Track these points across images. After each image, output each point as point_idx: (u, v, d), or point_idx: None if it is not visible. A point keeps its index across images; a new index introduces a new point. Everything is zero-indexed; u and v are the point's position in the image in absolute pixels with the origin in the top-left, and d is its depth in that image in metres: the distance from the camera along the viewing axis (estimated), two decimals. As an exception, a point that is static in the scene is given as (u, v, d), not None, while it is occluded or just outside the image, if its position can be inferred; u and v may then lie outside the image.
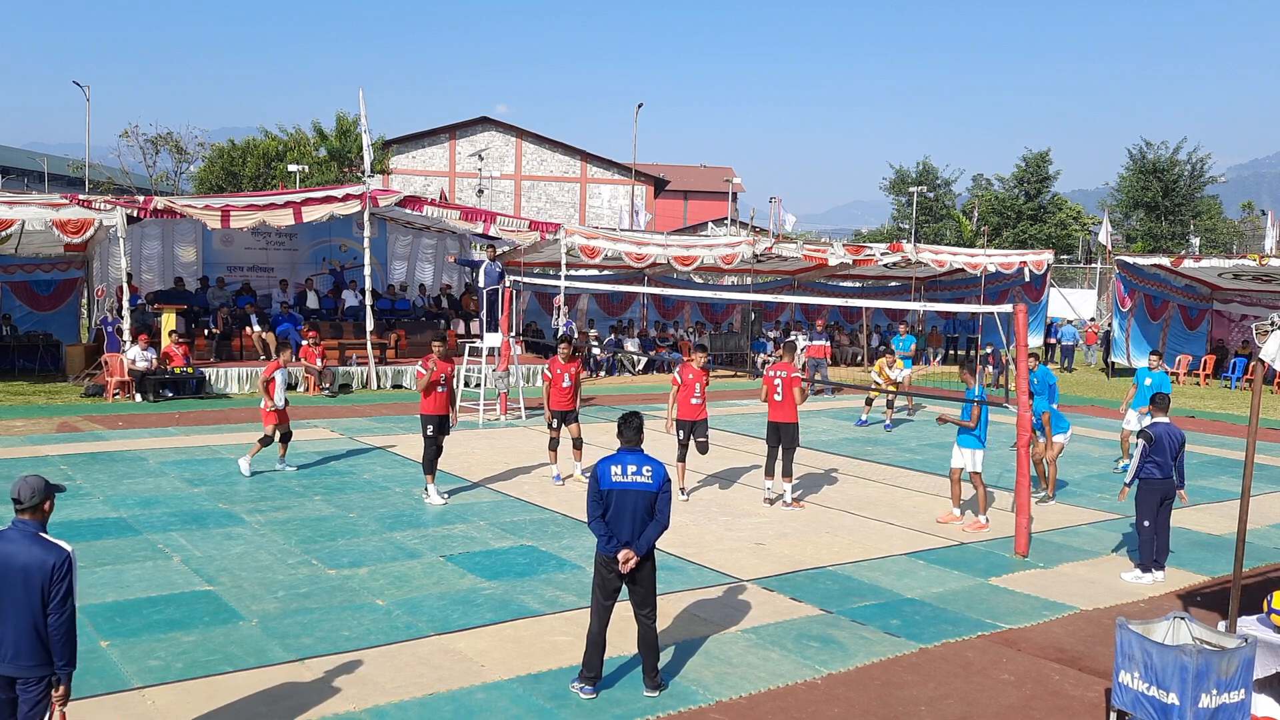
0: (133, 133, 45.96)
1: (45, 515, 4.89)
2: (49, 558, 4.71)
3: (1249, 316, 30.05)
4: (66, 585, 4.72)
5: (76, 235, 18.93)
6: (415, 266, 28.26)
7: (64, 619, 4.73)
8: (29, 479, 4.85)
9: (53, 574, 4.69)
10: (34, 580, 4.67)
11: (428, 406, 11.82)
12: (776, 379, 12.00)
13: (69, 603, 4.74)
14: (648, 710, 6.43)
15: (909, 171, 65.62)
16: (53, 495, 4.93)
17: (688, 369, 12.37)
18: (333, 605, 8.15)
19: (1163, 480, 9.45)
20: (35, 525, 4.82)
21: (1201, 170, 58.02)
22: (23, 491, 4.81)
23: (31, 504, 4.81)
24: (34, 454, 13.66)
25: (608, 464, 6.65)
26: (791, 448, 12.06)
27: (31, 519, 4.82)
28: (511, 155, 57.93)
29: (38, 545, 4.74)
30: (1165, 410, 9.84)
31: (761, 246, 27.64)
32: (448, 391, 11.92)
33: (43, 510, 4.86)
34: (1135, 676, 6.08)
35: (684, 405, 12.21)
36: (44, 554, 4.71)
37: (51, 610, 4.70)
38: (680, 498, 12.16)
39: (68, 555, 4.76)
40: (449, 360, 12.06)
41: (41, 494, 4.84)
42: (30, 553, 4.71)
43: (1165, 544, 9.69)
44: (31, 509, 4.82)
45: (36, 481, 4.85)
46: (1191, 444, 17.35)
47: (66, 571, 4.73)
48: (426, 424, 11.81)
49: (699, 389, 12.21)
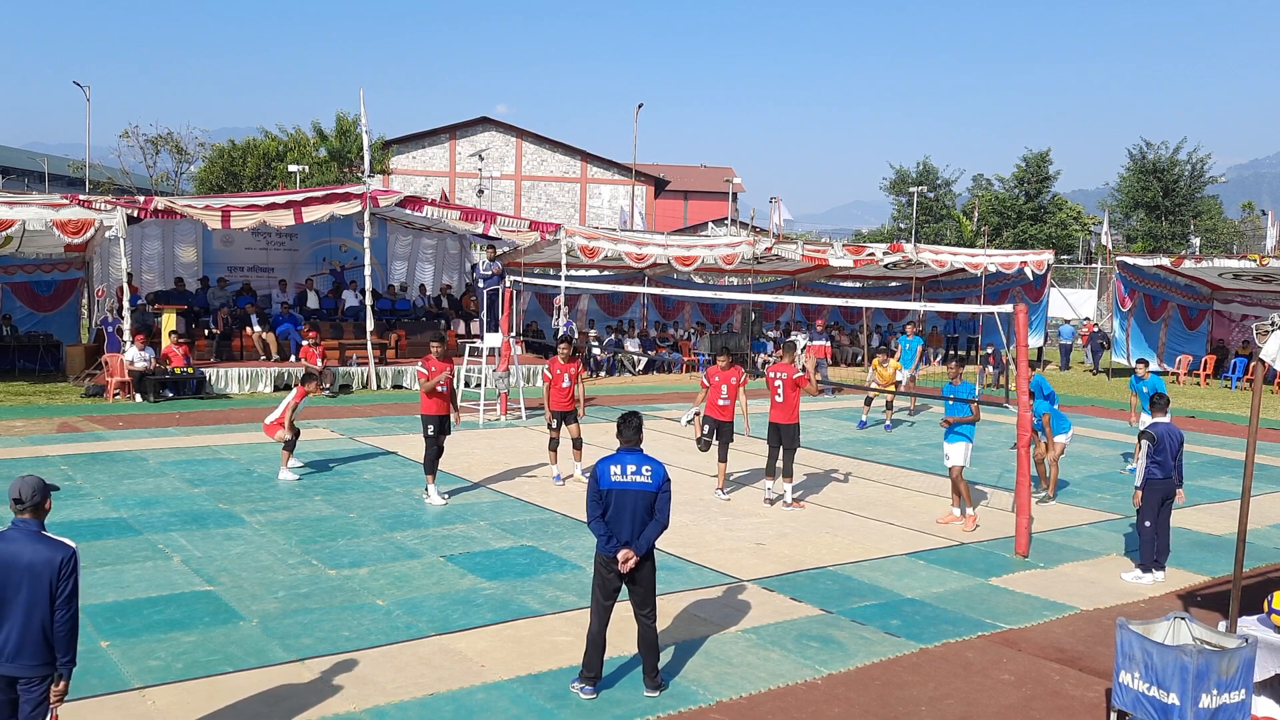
0: (133, 133, 45.96)
1: (45, 514, 4.92)
2: (55, 554, 4.75)
3: (1249, 316, 30.04)
4: (73, 581, 4.78)
5: (77, 235, 18.92)
6: (415, 267, 28.25)
7: (69, 615, 4.77)
8: (26, 478, 4.89)
9: (60, 570, 4.74)
10: (42, 578, 4.71)
11: (428, 407, 11.82)
12: (777, 380, 12.02)
13: (75, 599, 4.80)
14: (648, 710, 6.43)
15: (909, 171, 65.57)
16: (49, 494, 4.97)
17: (714, 370, 12.54)
18: (333, 605, 8.15)
19: (1164, 480, 9.47)
20: (36, 524, 4.86)
21: (1201, 170, 57.98)
22: (23, 491, 4.84)
23: (32, 503, 4.85)
24: (34, 454, 13.66)
25: (607, 464, 6.65)
26: (792, 448, 12.07)
27: (32, 518, 4.85)
28: (511, 155, 57.93)
29: (42, 543, 4.78)
30: (1165, 411, 9.87)
31: (762, 247, 27.63)
32: (448, 391, 11.92)
33: (43, 509, 4.91)
34: (1135, 677, 6.08)
35: (711, 405, 12.41)
36: (50, 551, 4.76)
37: (59, 606, 4.74)
38: (720, 497, 12.32)
39: (73, 551, 4.81)
40: (447, 360, 12.06)
41: (40, 493, 4.89)
42: (35, 551, 4.74)
43: (1166, 544, 9.70)
44: (32, 508, 4.86)
45: (34, 480, 4.89)
46: (1192, 444, 17.34)
47: (73, 568, 4.78)
48: (427, 424, 11.81)
49: (726, 390, 12.33)
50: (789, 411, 11.96)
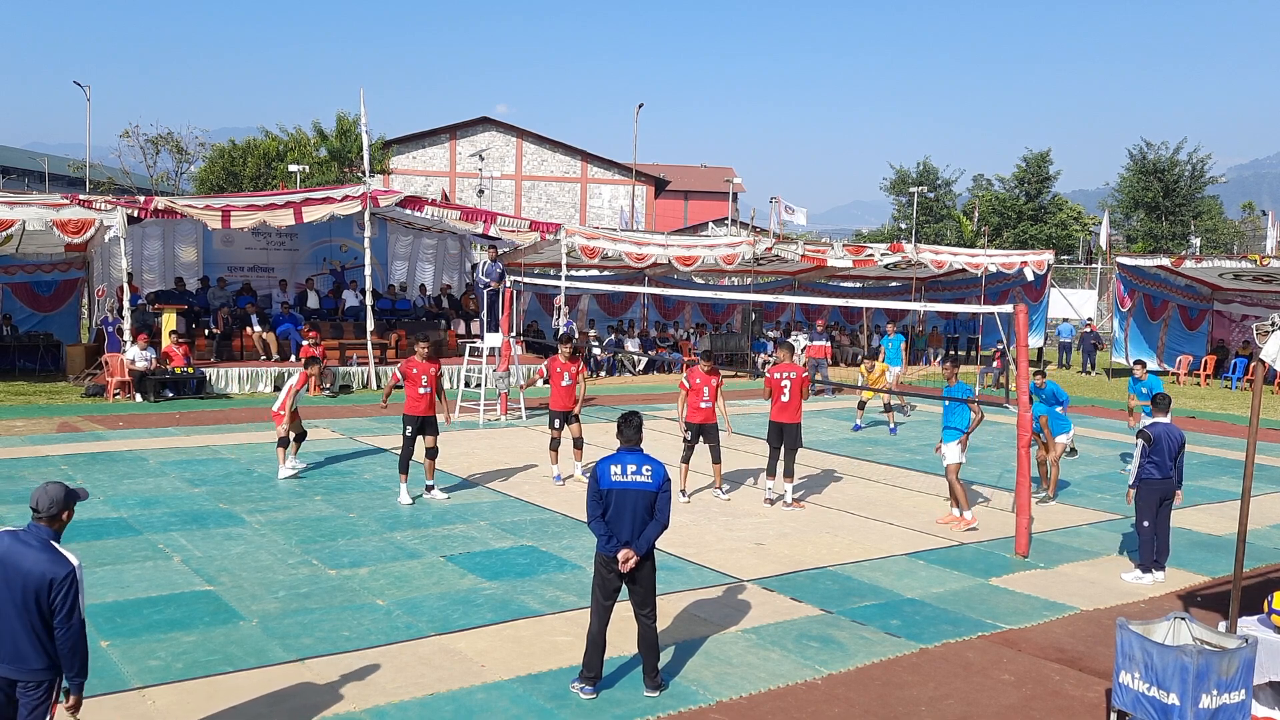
0: (133, 133, 45.95)
1: (62, 525, 4.84)
2: (50, 571, 4.63)
3: (1250, 317, 30.04)
4: (72, 599, 4.64)
5: (77, 235, 18.93)
6: (416, 267, 28.26)
7: (70, 632, 4.65)
8: (49, 487, 4.81)
9: (52, 588, 4.61)
10: (30, 587, 4.61)
11: (409, 407, 11.87)
12: (785, 380, 12.00)
13: (75, 615, 4.66)
14: (648, 710, 6.43)
15: (909, 172, 65.57)
16: (72, 505, 4.87)
17: (695, 373, 12.42)
18: (333, 605, 8.15)
19: (1162, 480, 9.46)
20: (49, 533, 4.77)
21: (1202, 170, 57.98)
22: (41, 501, 4.78)
23: (49, 514, 4.78)
24: (34, 454, 13.67)
25: (607, 464, 6.65)
26: (794, 448, 12.06)
27: (47, 526, 4.78)
28: (512, 155, 57.94)
29: (45, 554, 4.68)
30: (1166, 410, 9.86)
31: (762, 247, 27.63)
32: (429, 394, 11.91)
33: (60, 520, 4.82)
34: (1136, 677, 6.08)
35: (693, 409, 12.29)
36: (48, 565, 4.64)
37: (58, 625, 4.63)
38: (681, 499, 12.16)
39: (72, 570, 4.67)
40: (433, 361, 12.08)
41: (60, 505, 4.80)
42: (36, 560, 4.65)
43: (1165, 544, 9.69)
44: (49, 518, 4.78)
45: (57, 491, 4.81)
46: (1192, 444, 17.32)
47: (69, 585, 4.64)
48: (406, 424, 11.87)
49: (708, 392, 12.25)
50: (794, 411, 11.96)
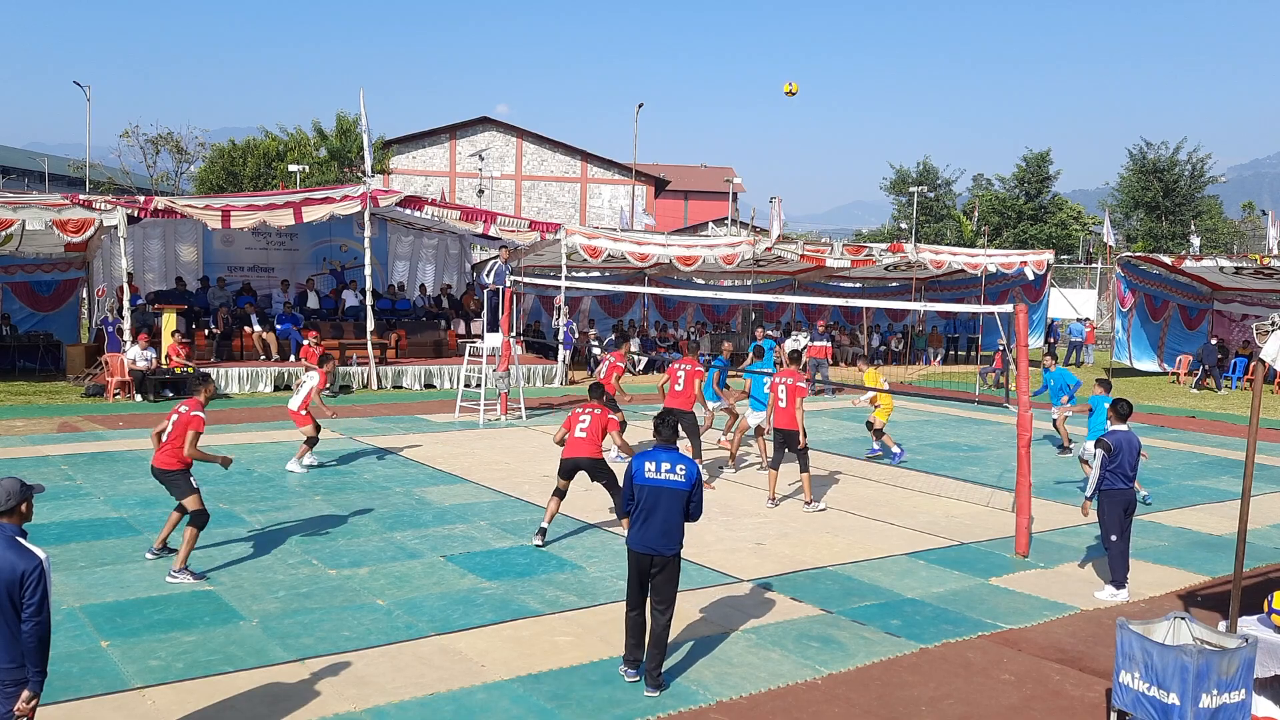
0: (133, 133, 45.95)
1: (23, 517, 4.77)
2: (19, 564, 4.57)
3: (1250, 316, 30.04)
4: (41, 593, 4.57)
5: (77, 235, 18.94)
6: (416, 267, 28.28)
7: (34, 627, 4.57)
8: (3, 481, 4.73)
9: (22, 581, 4.55)
10: (2, 585, 4.54)
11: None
12: (781, 385, 12.05)
13: (43, 610, 4.59)
14: (648, 710, 6.43)
15: (909, 171, 65.55)
16: (30, 497, 4.80)
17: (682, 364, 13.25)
18: (333, 605, 8.15)
19: (1125, 489, 9.13)
20: (11, 529, 4.69)
21: (1202, 170, 57.98)
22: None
23: (7, 506, 4.69)
24: (34, 454, 13.67)
25: (642, 460, 6.87)
26: (798, 451, 12.02)
27: (8, 521, 4.70)
28: (512, 155, 57.92)
29: (11, 550, 4.61)
30: (1125, 419, 9.38)
31: (762, 247, 27.64)
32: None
33: (19, 512, 4.74)
34: (1136, 676, 6.08)
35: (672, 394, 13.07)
36: (15, 560, 4.58)
37: (26, 618, 4.56)
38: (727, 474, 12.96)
39: (39, 563, 4.61)
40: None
41: (17, 496, 4.73)
42: (3, 556, 4.59)
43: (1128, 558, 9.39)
44: (7, 512, 4.70)
45: (11, 484, 4.73)
46: (1192, 444, 17.36)
47: (38, 579, 4.57)
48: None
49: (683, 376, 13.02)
50: (790, 418, 11.98)
